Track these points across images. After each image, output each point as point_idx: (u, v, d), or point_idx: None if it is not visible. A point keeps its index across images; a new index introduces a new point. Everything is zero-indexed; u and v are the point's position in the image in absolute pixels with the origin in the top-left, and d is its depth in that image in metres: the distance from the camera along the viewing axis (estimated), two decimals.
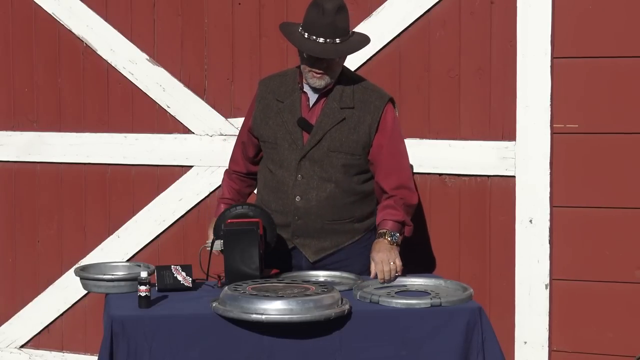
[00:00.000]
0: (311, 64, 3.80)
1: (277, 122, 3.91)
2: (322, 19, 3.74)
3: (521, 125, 4.38)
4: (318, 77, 3.81)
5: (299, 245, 3.92)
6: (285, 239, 3.92)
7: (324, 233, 3.88)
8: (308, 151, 3.85)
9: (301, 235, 3.90)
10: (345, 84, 3.89)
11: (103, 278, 3.68)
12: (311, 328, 3.29)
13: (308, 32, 3.76)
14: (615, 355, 4.32)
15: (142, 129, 5.01)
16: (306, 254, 3.92)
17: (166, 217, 4.99)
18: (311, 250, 3.91)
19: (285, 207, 3.89)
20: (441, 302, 3.41)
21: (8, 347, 5.30)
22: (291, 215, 3.89)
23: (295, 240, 3.91)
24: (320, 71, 3.79)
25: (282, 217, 3.89)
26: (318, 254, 3.91)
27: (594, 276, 4.34)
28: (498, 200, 4.47)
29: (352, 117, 3.85)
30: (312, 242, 3.90)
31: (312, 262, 3.91)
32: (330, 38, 3.74)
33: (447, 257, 4.56)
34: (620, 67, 4.25)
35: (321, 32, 3.74)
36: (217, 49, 4.88)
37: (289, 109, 3.90)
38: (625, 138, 4.27)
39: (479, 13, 4.45)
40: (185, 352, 3.29)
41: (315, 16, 3.76)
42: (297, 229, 3.89)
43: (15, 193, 5.27)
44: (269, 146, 3.93)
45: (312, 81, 3.83)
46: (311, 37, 3.75)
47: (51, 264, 5.21)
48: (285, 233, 3.90)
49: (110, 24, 5.02)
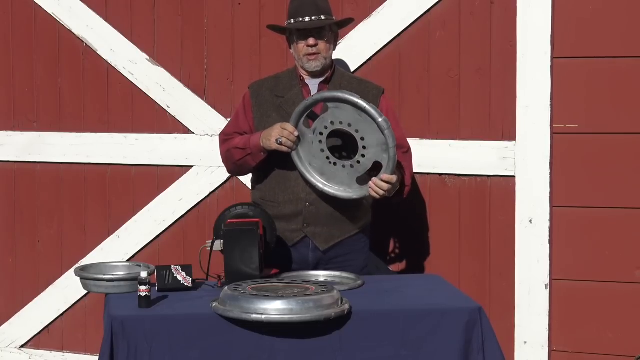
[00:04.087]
0: (304, 38, 3.98)
1: (280, 114, 3.99)
2: (303, 2, 3.98)
3: (521, 125, 4.38)
4: (313, 59, 3.99)
5: (309, 234, 3.97)
6: (293, 231, 3.96)
7: (333, 220, 3.95)
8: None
9: (312, 224, 3.96)
10: (342, 76, 4.08)
11: (103, 278, 3.68)
12: (311, 328, 3.29)
13: (293, 17, 4.00)
14: (615, 355, 4.32)
15: (142, 129, 5.01)
16: (317, 243, 3.97)
17: (166, 217, 4.99)
18: (322, 238, 3.98)
19: (296, 194, 3.96)
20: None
21: (8, 347, 5.30)
22: (302, 203, 3.96)
23: (306, 229, 3.97)
24: (313, 50, 3.97)
25: (292, 206, 3.96)
26: (328, 242, 3.98)
27: (594, 276, 4.34)
28: (498, 200, 4.47)
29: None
30: (322, 230, 3.97)
31: (322, 250, 3.97)
32: (315, 15, 3.97)
33: (447, 257, 4.56)
34: (620, 67, 4.25)
35: (305, 12, 3.98)
36: (217, 49, 4.88)
37: (291, 101, 4.01)
38: (625, 138, 4.27)
39: (479, 13, 4.45)
40: (185, 352, 3.29)
41: (296, 3, 4.01)
42: (308, 215, 3.96)
43: (15, 193, 5.27)
44: None
45: (309, 65, 4.00)
46: (297, 19, 3.99)
47: (51, 264, 5.21)
48: (295, 223, 3.96)
49: (110, 24, 5.02)
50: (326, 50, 4.00)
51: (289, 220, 3.97)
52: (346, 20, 4.15)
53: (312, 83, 4.04)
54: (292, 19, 4.01)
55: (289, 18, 4.04)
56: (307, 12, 3.97)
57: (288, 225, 3.97)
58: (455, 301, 3.55)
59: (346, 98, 3.79)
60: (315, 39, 3.98)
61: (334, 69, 4.08)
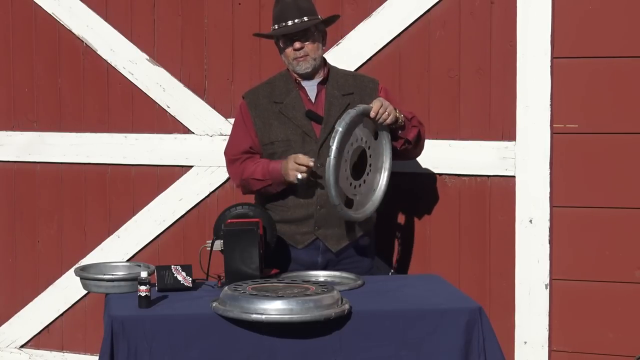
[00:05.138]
0: (290, 43, 3.95)
1: (282, 120, 3.97)
2: (284, 6, 3.96)
3: (521, 125, 4.38)
4: (302, 60, 3.98)
5: (321, 237, 3.97)
6: (304, 233, 3.96)
7: (343, 221, 3.94)
8: (325, 139, 3.92)
9: (323, 226, 3.97)
10: (337, 74, 4.07)
11: (103, 278, 3.68)
12: (311, 328, 3.29)
13: (277, 22, 3.97)
14: (615, 355, 4.32)
15: (142, 129, 5.01)
16: (329, 244, 3.98)
17: (166, 217, 4.99)
18: (333, 239, 3.98)
19: (307, 198, 3.95)
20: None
21: (8, 347, 5.30)
22: (314, 206, 3.96)
23: (318, 231, 3.97)
24: (301, 53, 3.95)
25: (303, 210, 3.96)
26: (340, 244, 3.99)
27: (594, 276, 4.34)
28: (498, 200, 4.47)
29: (354, 102, 3.98)
30: (334, 232, 3.97)
31: (334, 252, 3.98)
32: (298, 18, 3.94)
33: (447, 257, 4.56)
34: (620, 67, 4.25)
35: (288, 16, 3.94)
36: (217, 49, 4.88)
37: (291, 106, 3.99)
38: (625, 138, 4.27)
39: (479, 13, 4.45)
40: (185, 352, 3.29)
41: (278, 7, 3.99)
42: (320, 218, 3.96)
43: (15, 193, 5.27)
44: (280, 145, 3.98)
45: (299, 67, 3.98)
46: (281, 25, 3.96)
47: (51, 264, 5.21)
48: (307, 226, 3.97)
49: (110, 24, 5.02)
50: (314, 50, 3.98)
51: (299, 223, 3.97)
52: (331, 18, 4.10)
53: (308, 85, 4.02)
54: (276, 25, 3.98)
55: (273, 24, 4.01)
56: (289, 15, 3.93)
57: (298, 228, 3.97)
58: (455, 301, 3.55)
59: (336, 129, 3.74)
60: (301, 42, 3.96)
61: (329, 68, 4.06)
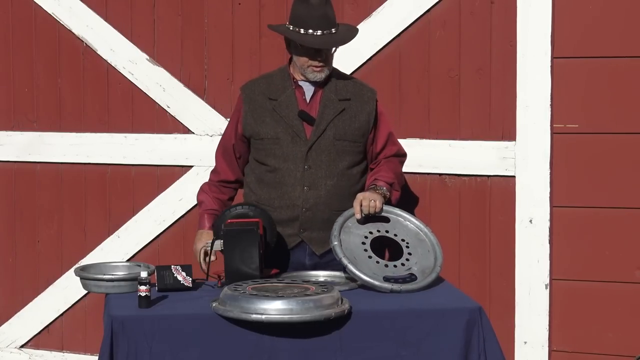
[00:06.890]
0: (312, 57, 3.87)
1: (275, 118, 3.94)
2: (313, 12, 3.83)
3: (521, 125, 4.38)
4: (318, 71, 3.89)
5: (306, 239, 3.94)
6: (289, 235, 3.93)
7: (329, 225, 3.86)
8: (315, 141, 3.90)
9: (308, 228, 3.93)
10: (337, 77, 4.00)
11: (103, 278, 3.68)
12: (311, 328, 3.29)
13: (302, 27, 3.84)
14: (615, 355, 4.32)
15: (142, 129, 5.01)
16: (313, 247, 3.94)
17: (166, 217, 4.99)
18: (318, 243, 3.94)
19: (292, 200, 3.92)
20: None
21: (8, 347, 5.30)
22: (299, 208, 3.92)
23: (303, 234, 3.94)
24: (320, 64, 3.88)
25: (288, 211, 3.92)
26: (324, 247, 3.92)
27: (594, 276, 4.34)
28: (498, 200, 4.47)
29: (350, 108, 3.95)
30: (318, 235, 3.92)
31: (318, 255, 3.94)
32: (327, 29, 3.84)
33: (447, 257, 4.53)
34: (620, 67, 4.25)
35: (316, 25, 3.82)
36: (217, 49, 4.88)
37: (285, 104, 3.94)
38: (625, 138, 4.27)
39: (479, 13, 4.45)
40: (185, 352, 3.29)
41: (304, 11, 3.85)
42: (305, 221, 3.92)
43: (15, 193, 5.27)
44: (269, 142, 3.94)
45: (312, 75, 3.90)
46: (308, 31, 3.83)
47: (51, 264, 5.21)
48: (292, 228, 3.93)
49: (110, 24, 5.02)
50: (331, 61, 3.93)
51: (285, 225, 3.92)
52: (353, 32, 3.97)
53: (306, 85, 3.96)
54: (299, 28, 3.83)
55: (295, 25, 3.84)
56: (318, 24, 3.81)
57: (284, 230, 3.92)
58: (455, 301, 3.54)
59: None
60: (323, 54, 3.87)
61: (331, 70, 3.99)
